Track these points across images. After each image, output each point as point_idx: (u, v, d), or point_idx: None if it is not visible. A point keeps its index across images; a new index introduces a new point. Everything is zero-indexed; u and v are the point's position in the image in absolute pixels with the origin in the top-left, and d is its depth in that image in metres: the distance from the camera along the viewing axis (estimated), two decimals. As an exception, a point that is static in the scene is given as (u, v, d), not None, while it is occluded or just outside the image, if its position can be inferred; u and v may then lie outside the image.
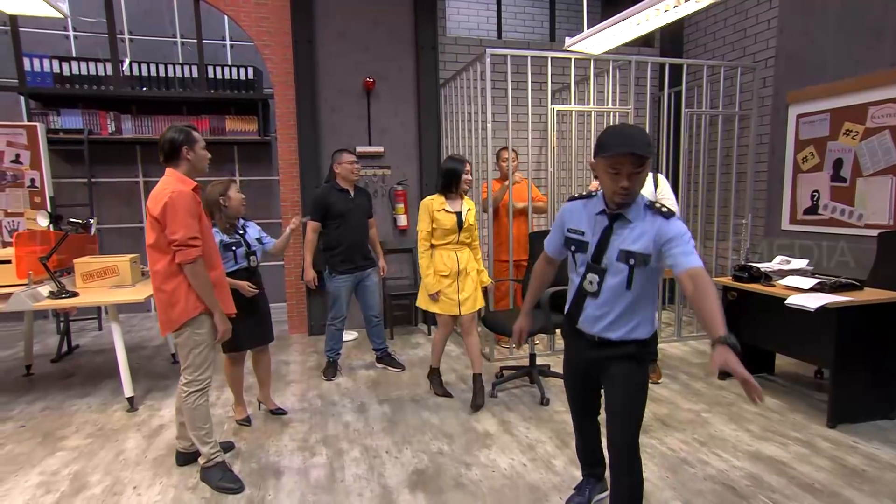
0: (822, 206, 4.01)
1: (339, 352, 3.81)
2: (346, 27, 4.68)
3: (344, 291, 3.65)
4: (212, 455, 2.37)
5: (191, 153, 2.29)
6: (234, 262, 2.78)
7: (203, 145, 2.36)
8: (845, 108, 3.80)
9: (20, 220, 4.63)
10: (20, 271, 3.39)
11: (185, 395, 2.32)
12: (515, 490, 2.32)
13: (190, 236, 2.15)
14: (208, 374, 2.35)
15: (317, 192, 3.75)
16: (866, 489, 2.28)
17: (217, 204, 2.75)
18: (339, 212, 3.58)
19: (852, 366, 2.84)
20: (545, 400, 3.21)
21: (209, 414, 2.38)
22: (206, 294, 2.24)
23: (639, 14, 2.79)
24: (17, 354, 4.36)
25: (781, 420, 2.97)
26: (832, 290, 2.89)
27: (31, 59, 4.74)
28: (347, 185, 3.63)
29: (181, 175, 2.27)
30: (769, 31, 4.44)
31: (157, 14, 5.55)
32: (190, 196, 2.20)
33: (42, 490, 2.37)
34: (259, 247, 2.93)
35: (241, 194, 2.84)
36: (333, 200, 3.58)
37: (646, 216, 1.72)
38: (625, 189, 1.66)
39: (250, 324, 2.82)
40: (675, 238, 1.64)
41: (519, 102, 4.68)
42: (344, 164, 3.59)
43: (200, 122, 5.21)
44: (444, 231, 3.16)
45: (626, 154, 1.61)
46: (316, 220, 3.59)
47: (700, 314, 1.55)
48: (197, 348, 2.29)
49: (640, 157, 1.61)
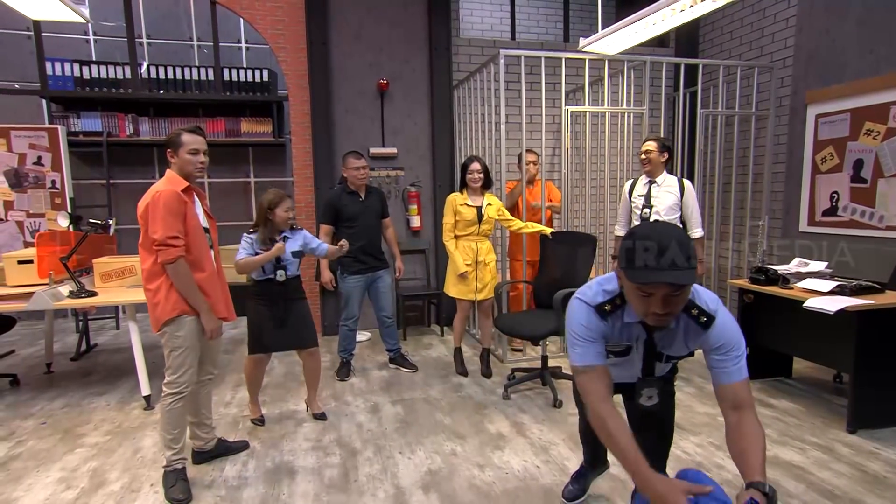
0: (842, 207, 3.94)
1: (352, 352, 3.82)
2: (361, 29, 4.70)
3: (356, 292, 3.66)
4: (172, 461, 2.33)
5: (174, 157, 2.28)
6: (262, 273, 2.80)
7: (191, 149, 2.28)
8: (866, 108, 3.73)
9: (41, 220, 4.72)
10: (41, 271, 3.46)
11: (163, 396, 2.30)
12: (529, 492, 2.31)
13: (169, 235, 2.15)
14: (187, 377, 2.30)
15: (327, 196, 3.73)
16: (888, 496, 2.23)
17: (263, 213, 2.76)
18: (350, 215, 3.58)
19: (873, 370, 2.78)
20: (558, 402, 3.20)
21: (182, 420, 2.35)
22: (189, 293, 2.23)
23: (654, 14, 2.76)
24: (39, 352, 4.44)
25: (800, 424, 2.92)
26: (852, 293, 2.83)
27: (52, 63, 4.83)
28: (356, 188, 3.63)
29: (174, 175, 2.28)
30: (787, 29, 4.38)
31: (175, 17, 5.63)
32: (175, 196, 2.18)
33: (63, 486, 2.41)
34: (293, 261, 2.86)
35: (290, 213, 2.81)
36: (344, 203, 3.59)
37: (681, 320, 1.47)
38: (660, 316, 1.35)
39: (278, 328, 2.84)
40: (721, 347, 1.44)
41: (533, 103, 4.67)
42: (349, 170, 3.58)
43: (216, 123, 5.26)
44: (465, 223, 3.61)
45: (662, 283, 1.31)
46: (327, 223, 3.61)
47: (738, 455, 1.36)
48: (175, 350, 2.27)
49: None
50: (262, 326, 2.83)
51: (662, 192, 3.34)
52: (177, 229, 2.17)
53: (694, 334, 1.47)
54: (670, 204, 3.31)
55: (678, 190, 3.34)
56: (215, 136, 5.27)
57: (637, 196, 3.42)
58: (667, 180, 3.37)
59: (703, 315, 1.43)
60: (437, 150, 4.91)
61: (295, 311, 2.90)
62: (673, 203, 3.31)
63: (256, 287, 2.83)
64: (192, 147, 2.28)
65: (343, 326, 3.74)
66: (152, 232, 2.15)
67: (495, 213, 3.65)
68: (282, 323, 2.85)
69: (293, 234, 2.89)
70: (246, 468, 2.55)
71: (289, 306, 2.87)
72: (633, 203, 3.45)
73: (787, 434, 2.81)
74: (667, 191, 3.34)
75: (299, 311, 2.93)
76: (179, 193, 2.21)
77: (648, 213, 3.33)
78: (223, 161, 5.67)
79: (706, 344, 1.47)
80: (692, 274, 1.31)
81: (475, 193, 3.63)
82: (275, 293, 2.82)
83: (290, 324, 2.88)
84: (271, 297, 2.82)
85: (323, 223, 3.63)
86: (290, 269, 2.85)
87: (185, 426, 2.38)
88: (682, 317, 1.45)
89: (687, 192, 3.36)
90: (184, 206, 2.22)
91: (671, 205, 3.31)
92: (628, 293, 1.42)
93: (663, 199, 3.33)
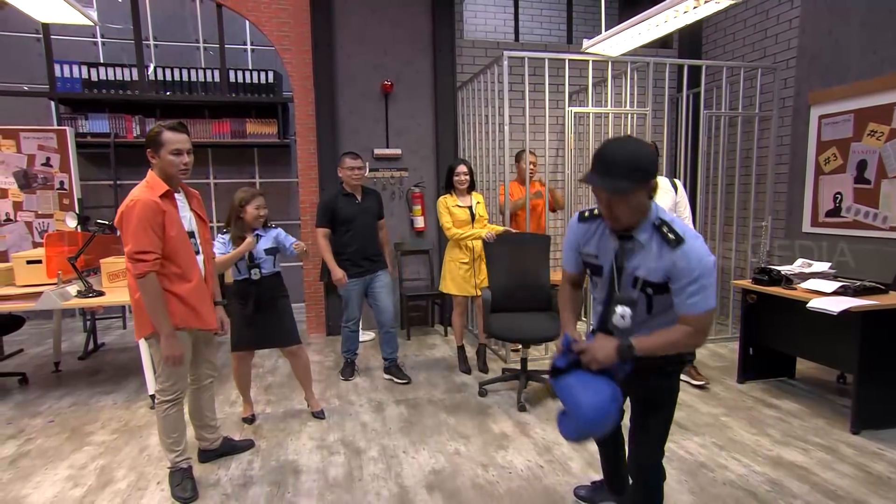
0: (846, 208, 3.92)
1: (355, 352, 3.81)
2: (365, 31, 4.72)
3: (354, 294, 3.60)
4: (177, 461, 2.33)
5: (155, 157, 2.11)
6: (238, 273, 2.82)
7: (173, 149, 2.10)
8: (870, 109, 3.72)
9: (50, 221, 4.75)
10: (50, 271, 3.49)
11: (157, 403, 2.26)
12: (532, 492, 2.31)
13: (137, 250, 2.00)
14: (179, 385, 2.26)
15: (323, 198, 3.63)
16: (892, 497, 2.23)
17: (234, 211, 2.77)
18: (346, 217, 3.49)
19: (877, 370, 2.78)
20: (521, 405, 3.16)
21: (180, 423, 2.32)
22: (153, 311, 2.06)
23: (658, 16, 2.77)
24: (47, 351, 4.47)
25: (803, 425, 2.91)
26: (856, 294, 2.83)
27: (61, 65, 4.87)
28: (352, 190, 3.54)
29: (154, 179, 2.12)
30: (791, 31, 4.37)
31: (181, 20, 5.66)
32: (149, 205, 2.02)
33: (70, 484, 2.43)
34: (267, 259, 2.84)
35: (261, 211, 2.79)
36: (340, 206, 3.50)
37: (652, 238, 1.53)
38: (607, 218, 1.55)
39: (252, 329, 2.83)
40: (681, 276, 1.48)
41: (536, 105, 4.67)
42: (344, 170, 3.51)
43: (221, 124, 5.29)
44: (459, 223, 3.69)
45: (598, 186, 1.49)
46: (324, 226, 3.51)
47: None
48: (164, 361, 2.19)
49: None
50: (240, 324, 2.85)
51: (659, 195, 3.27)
52: (149, 243, 2.01)
53: (665, 255, 1.51)
54: (668, 205, 3.23)
55: (672, 189, 3.28)
56: (221, 136, 5.30)
57: None
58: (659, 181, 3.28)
59: (671, 233, 1.51)
60: (441, 151, 4.92)
61: (272, 310, 2.88)
62: (670, 204, 3.24)
63: (235, 286, 2.86)
64: (174, 147, 2.10)
65: (345, 328, 3.72)
66: (124, 244, 2.04)
67: (484, 211, 3.81)
68: (257, 321, 2.83)
69: (266, 233, 2.88)
70: (251, 467, 2.56)
71: (265, 305, 2.85)
72: None
73: (791, 434, 2.80)
74: (662, 192, 3.23)
75: (277, 310, 2.89)
76: (156, 202, 2.05)
77: None
78: (228, 162, 5.70)
79: (674, 271, 1.49)
80: (625, 185, 1.44)
81: (462, 194, 3.75)
82: (251, 292, 2.81)
83: (267, 322, 2.87)
84: (244, 296, 2.82)
85: (319, 226, 3.54)
86: (264, 268, 2.83)
87: (184, 427, 2.36)
88: (654, 234, 1.53)
89: (680, 191, 3.31)
90: (161, 216, 2.05)
91: (669, 206, 3.23)
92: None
93: (661, 200, 3.22)
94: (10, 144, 4.61)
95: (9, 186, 4.65)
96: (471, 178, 3.72)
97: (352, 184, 3.52)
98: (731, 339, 4.15)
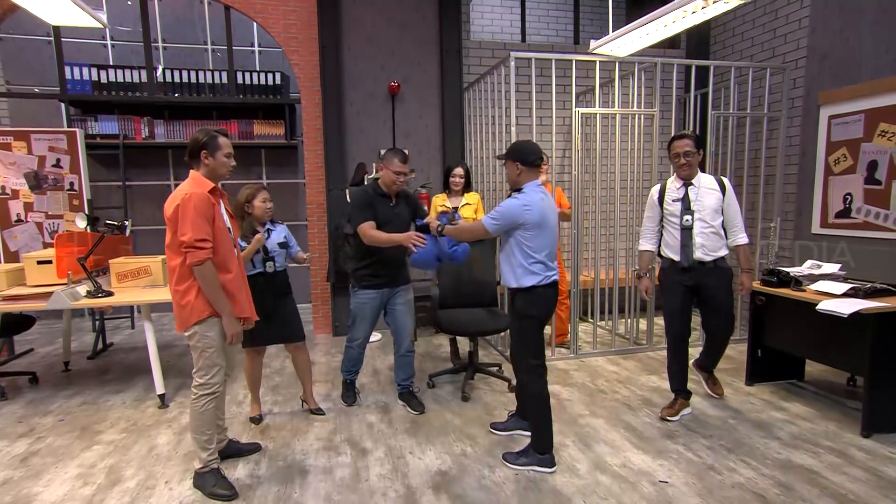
0: (856, 209, 3.88)
1: (356, 372, 3.35)
2: (372, 32, 4.72)
3: (367, 310, 3.12)
4: (209, 461, 2.34)
5: (209, 158, 2.26)
6: (253, 267, 2.81)
7: (227, 153, 2.32)
8: (881, 109, 3.67)
9: (60, 221, 4.79)
10: (60, 271, 3.52)
11: (194, 398, 2.29)
12: (539, 493, 2.30)
13: (198, 238, 2.13)
14: (218, 378, 2.31)
15: (358, 193, 3.14)
16: (903, 501, 2.20)
17: (241, 209, 2.81)
18: (380, 220, 3.01)
19: (889, 373, 2.74)
20: (465, 396, 3.36)
21: (214, 420, 2.36)
22: (214, 297, 2.21)
23: (666, 16, 2.75)
24: (57, 351, 4.51)
25: (813, 428, 2.88)
26: (866, 296, 2.79)
27: (71, 67, 4.91)
28: (389, 191, 3.09)
29: (200, 177, 2.26)
30: (800, 30, 4.33)
31: (189, 22, 5.69)
32: (204, 198, 2.18)
33: (80, 482, 2.44)
34: (280, 252, 2.90)
35: (268, 203, 2.86)
36: (377, 205, 3.04)
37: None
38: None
39: (265, 324, 2.80)
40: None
41: (543, 105, 4.66)
42: (389, 171, 3.01)
43: (229, 125, 5.31)
44: None
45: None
46: (368, 219, 2.97)
47: None
48: (206, 350, 2.26)
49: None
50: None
51: (703, 193, 2.91)
52: (206, 232, 2.16)
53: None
54: (714, 206, 2.90)
55: (719, 188, 2.94)
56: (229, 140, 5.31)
57: (672, 202, 2.97)
58: (704, 180, 2.95)
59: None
60: (448, 151, 4.91)
61: (283, 306, 2.93)
62: (716, 205, 2.91)
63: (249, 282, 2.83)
64: (228, 150, 2.32)
65: (349, 347, 3.24)
66: (181, 234, 2.13)
67: (471, 213, 3.92)
68: (271, 317, 2.84)
69: (275, 227, 2.94)
70: (259, 467, 2.56)
71: (277, 300, 2.89)
72: (666, 210, 3.00)
73: (800, 438, 2.77)
74: (708, 190, 2.92)
75: (287, 306, 2.96)
76: (208, 195, 2.21)
77: (690, 220, 2.90)
78: (236, 162, 5.71)
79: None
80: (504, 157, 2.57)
81: (456, 195, 4.00)
82: (264, 287, 2.82)
83: (279, 317, 2.90)
84: (261, 291, 2.78)
85: (363, 221, 2.97)
86: (278, 261, 2.88)
87: (215, 426, 2.39)
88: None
89: (728, 191, 2.96)
90: (212, 208, 2.21)
91: (715, 207, 2.90)
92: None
93: (705, 200, 2.90)
94: (21, 146, 4.65)
95: (20, 187, 4.69)
96: (467, 181, 3.95)
97: (393, 189, 3.07)
98: (739, 340, 4.11)
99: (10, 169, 4.65)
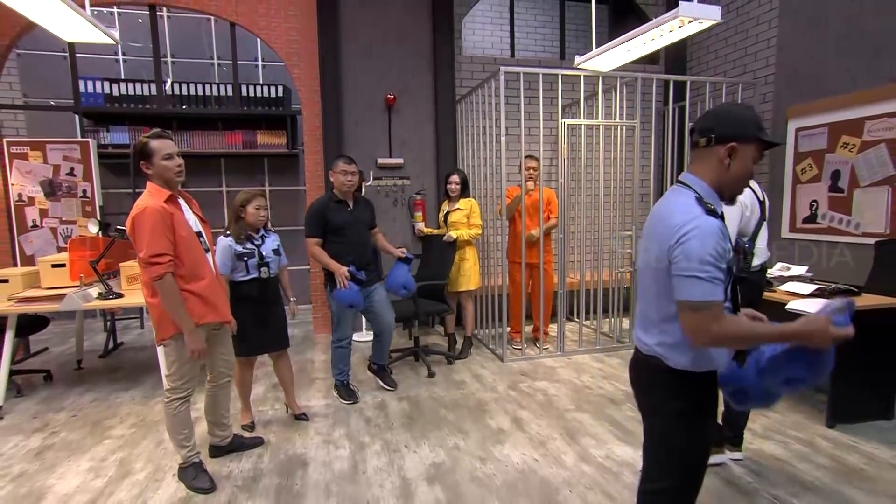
0: (821, 215, 3.93)
1: (347, 373, 3.34)
2: (370, 46, 4.73)
3: (348, 311, 3.18)
4: (188, 457, 2.30)
5: (149, 167, 2.09)
6: (246, 272, 2.68)
7: (164, 155, 2.09)
8: (843, 122, 3.73)
9: (73, 227, 4.76)
10: (73, 274, 3.50)
11: (167, 402, 2.23)
12: (527, 484, 2.31)
13: (153, 253, 2.00)
14: (191, 384, 2.25)
15: (312, 205, 3.15)
16: (865, 487, 2.23)
17: (235, 212, 2.70)
18: (337, 225, 3.07)
19: (850, 368, 2.77)
20: (431, 373, 3.66)
21: (189, 419, 2.30)
22: (173, 311, 2.08)
23: (645, 34, 2.78)
24: (70, 350, 4.48)
25: (782, 420, 2.91)
26: (832, 296, 2.83)
27: (85, 81, 4.89)
28: (344, 196, 3.13)
29: (155, 187, 2.10)
30: (769, 49, 4.38)
31: (197, 38, 5.68)
32: (157, 211, 2.02)
33: (92, 475, 2.43)
34: (274, 258, 2.77)
35: (261, 211, 2.70)
36: (331, 213, 3.07)
37: None
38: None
39: (259, 332, 2.76)
40: None
41: (531, 117, 4.68)
42: (336, 174, 3.08)
43: (234, 136, 5.30)
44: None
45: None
46: (315, 235, 3.07)
47: None
48: (180, 360, 2.18)
49: None
50: (247, 328, 2.71)
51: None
52: (162, 246, 2.02)
53: None
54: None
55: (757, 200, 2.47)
56: (233, 147, 5.32)
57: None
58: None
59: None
60: (442, 160, 4.93)
61: (275, 313, 2.83)
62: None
63: (241, 288, 2.70)
64: (164, 152, 2.09)
65: (338, 348, 3.26)
66: (137, 250, 2.03)
67: (460, 217, 3.98)
68: (265, 325, 2.77)
69: (269, 234, 2.82)
70: (261, 460, 2.56)
71: (270, 307, 2.79)
72: None
73: (770, 429, 2.80)
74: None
75: (279, 314, 2.86)
76: (163, 206, 2.05)
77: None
78: (240, 171, 5.71)
79: None
80: None
81: (453, 201, 4.05)
82: (258, 293, 2.72)
83: (271, 324, 2.81)
84: (255, 298, 2.72)
85: (309, 236, 3.06)
86: (272, 268, 2.76)
87: (192, 424, 2.32)
88: None
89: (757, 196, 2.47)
90: (169, 218, 2.06)
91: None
92: (748, 164, 1.36)
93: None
94: (37, 155, 4.62)
95: (36, 195, 4.66)
96: (464, 186, 4.00)
97: (343, 190, 3.10)
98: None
99: (27, 177, 4.62)
